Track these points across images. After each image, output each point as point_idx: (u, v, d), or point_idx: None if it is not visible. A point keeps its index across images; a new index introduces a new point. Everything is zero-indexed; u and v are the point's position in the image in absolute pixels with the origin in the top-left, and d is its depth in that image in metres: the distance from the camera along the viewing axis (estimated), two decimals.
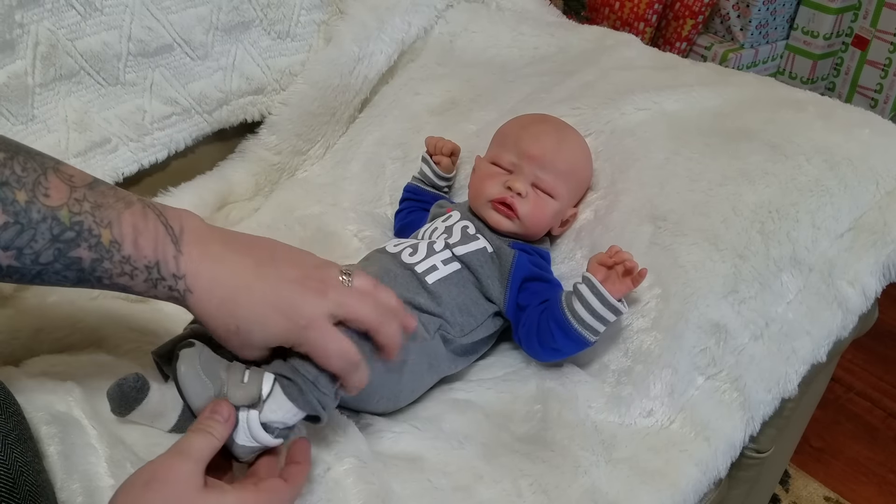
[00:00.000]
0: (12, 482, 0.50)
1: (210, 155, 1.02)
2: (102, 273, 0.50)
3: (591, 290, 0.67)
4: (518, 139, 0.78)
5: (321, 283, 0.52)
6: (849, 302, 0.68)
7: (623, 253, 0.68)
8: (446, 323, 0.70)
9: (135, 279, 0.51)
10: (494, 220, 0.76)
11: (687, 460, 0.65)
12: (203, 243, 0.52)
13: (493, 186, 0.76)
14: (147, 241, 0.50)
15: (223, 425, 0.51)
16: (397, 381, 0.65)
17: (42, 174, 0.49)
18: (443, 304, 0.71)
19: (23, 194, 0.47)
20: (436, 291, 0.71)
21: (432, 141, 0.89)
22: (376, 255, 0.75)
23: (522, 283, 0.73)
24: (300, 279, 0.52)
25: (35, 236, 0.48)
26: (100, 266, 0.50)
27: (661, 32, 1.79)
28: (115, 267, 0.50)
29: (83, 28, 0.85)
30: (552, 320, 0.69)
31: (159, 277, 0.51)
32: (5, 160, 0.47)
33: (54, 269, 0.49)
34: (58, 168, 0.50)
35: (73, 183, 0.50)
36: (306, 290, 0.52)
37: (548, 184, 0.76)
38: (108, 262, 0.50)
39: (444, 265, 0.73)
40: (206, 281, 0.51)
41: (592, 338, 0.69)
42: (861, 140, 0.74)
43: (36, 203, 0.48)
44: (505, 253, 0.74)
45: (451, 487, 0.61)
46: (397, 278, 0.71)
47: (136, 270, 0.51)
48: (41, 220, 0.48)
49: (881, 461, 1.36)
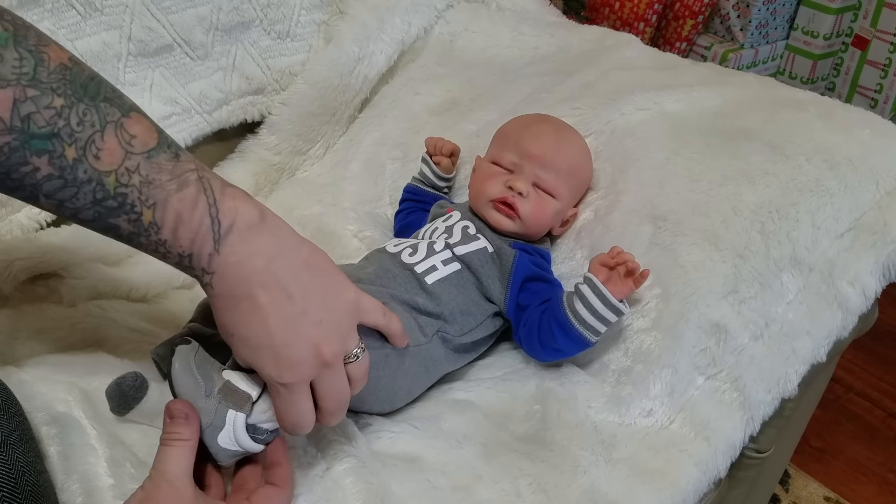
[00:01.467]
0: (14, 482, 0.50)
1: (210, 155, 1.02)
2: (137, 244, 0.49)
3: (593, 291, 0.67)
4: (519, 139, 0.78)
5: (328, 356, 0.51)
6: (849, 302, 0.68)
7: (625, 254, 0.68)
8: (445, 323, 0.70)
9: (167, 259, 0.50)
10: (495, 219, 0.76)
11: (687, 460, 0.64)
12: (247, 251, 0.49)
13: (494, 186, 0.76)
14: (187, 232, 0.48)
15: (186, 424, 0.50)
16: (392, 383, 0.65)
17: (99, 131, 0.46)
18: (442, 305, 0.70)
19: (72, 151, 0.45)
20: (435, 292, 0.71)
21: (432, 141, 0.89)
22: (376, 255, 0.75)
23: (523, 283, 0.73)
24: (314, 342, 0.50)
25: (77, 194, 0.46)
26: (136, 239, 0.49)
27: (661, 32, 1.79)
28: (151, 245, 0.49)
29: (83, 28, 0.85)
30: (553, 320, 0.69)
31: (189, 266, 0.50)
32: (62, 108, 0.45)
33: (91, 226, 0.49)
34: (122, 124, 0.47)
35: (132, 147, 0.47)
36: (311, 354, 0.50)
37: (549, 183, 0.76)
38: (145, 238, 0.49)
39: (444, 265, 0.72)
40: (230, 289, 0.49)
41: (593, 338, 0.68)
42: (861, 140, 0.74)
43: (84, 163, 0.46)
44: (506, 253, 0.74)
45: (450, 487, 0.61)
46: (396, 278, 0.70)
47: (170, 254, 0.49)
48: (86, 181, 0.46)
49: (881, 461, 1.36)
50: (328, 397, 0.52)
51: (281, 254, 0.50)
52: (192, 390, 0.52)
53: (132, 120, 0.48)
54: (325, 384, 0.52)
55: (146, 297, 0.84)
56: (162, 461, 0.49)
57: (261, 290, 0.49)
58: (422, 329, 0.68)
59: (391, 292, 0.68)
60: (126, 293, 0.82)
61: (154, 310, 0.82)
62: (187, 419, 0.50)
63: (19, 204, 0.82)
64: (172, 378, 0.53)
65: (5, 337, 0.72)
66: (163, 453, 0.49)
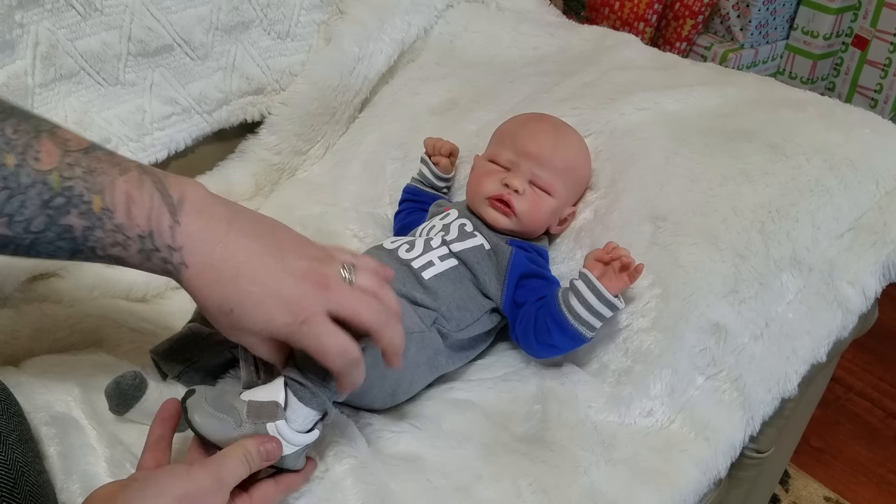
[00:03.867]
0: (13, 482, 0.50)
1: (210, 155, 1.02)
2: (95, 242, 0.48)
3: (588, 286, 0.67)
4: (516, 137, 0.78)
5: (323, 278, 0.51)
6: (849, 302, 0.68)
7: (619, 249, 0.68)
8: (442, 318, 0.71)
9: (128, 249, 0.49)
10: (492, 217, 0.76)
11: (687, 460, 0.64)
12: (205, 217, 0.50)
13: (491, 184, 0.76)
14: (140, 209, 0.48)
15: (262, 461, 0.51)
16: (395, 374, 0.65)
17: (35, 136, 0.47)
18: (439, 300, 0.71)
19: (12, 158, 0.46)
20: (432, 287, 0.71)
21: (430, 142, 0.89)
22: (374, 252, 0.75)
23: (519, 279, 0.73)
24: (303, 273, 0.50)
25: (25, 202, 0.46)
26: (92, 235, 0.48)
27: (661, 32, 1.79)
28: (108, 236, 0.48)
29: (83, 28, 0.85)
30: (548, 316, 0.69)
31: (153, 248, 0.49)
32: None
33: (47, 239, 0.48)
34: (53, 132, 0.48)
35: (68, 147, 0.48)
36: (308, 284, 0.50)
37: (545, 181, 0.76)
38: (101, 230, 0.48)
39: (441, 261, 0.73)
40: (205, 258, 0.49)
41: (589, 333, 0.68)
42: (861, 140, 0.74)
43: (25, 167, 0.46)
44: (502, 250, 0.74)
45: (450, 487, 0.61)
46: (394, 273, 0.70)
47: (129, 240, 0.49)
48: (31, 185, 0.46)
49: (881, 461, 1.36)
50: (361, 311, 0.51)
51: (237, 214, 0.52)
52: (221, 430, 0.52)
53: (62, 129, 0.49)
54: (344, 304, 0.51)
55: (146, 297, 0.84)
56: (223, 466, 0.50)
57: (235, 250, 0.50)
58: (420, 319, 0.69)
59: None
60: (126, 293, 0.82)
61: (154, 310, 0.82)
62: (268, 460, 0.51)
63: None
64: (198, 430, 0.52)
65: (5, 337, 0.72)
66: (228, 461, 0.50)
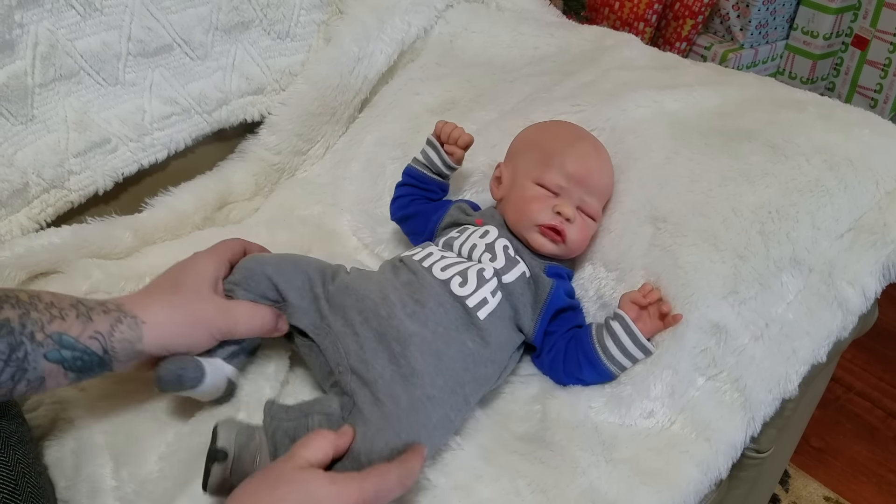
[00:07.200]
0: (14, 483, 0.50)
1: (210, 155, 1.02)
2: (34, 326, 0.51)
3: (624, 329, 0.68)
4: (563, 159, 0.75)
5: None
6: (849, 302, 0.68)
7: (655, 292, 0.69)
8: (486, 369, 0.67)
9: (66, 319, 0.53)
10: (539, 243, 0.74)
11: (688, 461, 0.64)
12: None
13: (543, 211, 0.73)
14: (65, 296, 0.54)
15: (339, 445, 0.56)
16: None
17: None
18: (491, 345, 0.67)
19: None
20: (486, 328, 0.67)
21: (447, 128, 0.82)
22: (423, 278, 0.70)
23: (556, 313, 0.72)
24: None
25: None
26: (28, 318, 0.51)
27: (661, 32, 1.79)
28: (43, 314, 0.52)
29: (83, 28, 0.85)
30: (581, 352, 0.69)
31: (89, 307, 0.54)
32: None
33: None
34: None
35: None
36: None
37: (592, 208, 0.75)
38: (35, 311, 0.52)
39: (492, 297, 0.69)
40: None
41: (618, 373, 0.69)
42: (861, 140, 0.74)
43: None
44: (543, 281, 0.72)
45: (449, 486, 0.61)
46: (448, 313, 0.67)
47: (65, 311, 0.53)
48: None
49: (881, 461, 1.36)
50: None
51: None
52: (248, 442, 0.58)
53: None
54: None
55: None
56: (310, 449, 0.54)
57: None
58: (466, 400, 0.65)
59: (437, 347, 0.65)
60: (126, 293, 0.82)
61: None
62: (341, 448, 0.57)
63: (19, 204, 0.82)
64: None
65: None
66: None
